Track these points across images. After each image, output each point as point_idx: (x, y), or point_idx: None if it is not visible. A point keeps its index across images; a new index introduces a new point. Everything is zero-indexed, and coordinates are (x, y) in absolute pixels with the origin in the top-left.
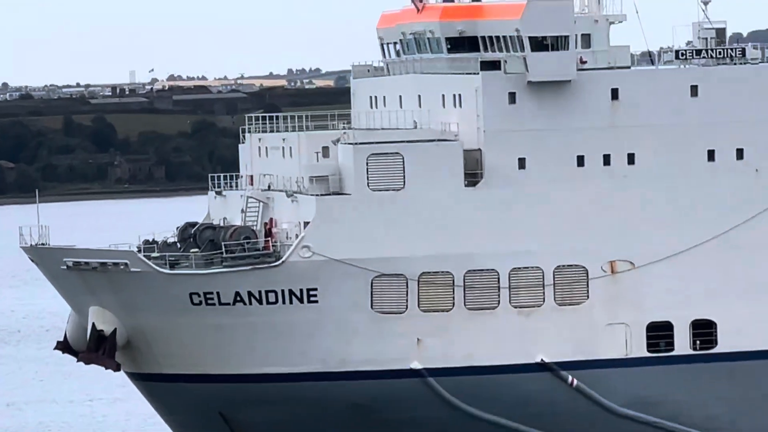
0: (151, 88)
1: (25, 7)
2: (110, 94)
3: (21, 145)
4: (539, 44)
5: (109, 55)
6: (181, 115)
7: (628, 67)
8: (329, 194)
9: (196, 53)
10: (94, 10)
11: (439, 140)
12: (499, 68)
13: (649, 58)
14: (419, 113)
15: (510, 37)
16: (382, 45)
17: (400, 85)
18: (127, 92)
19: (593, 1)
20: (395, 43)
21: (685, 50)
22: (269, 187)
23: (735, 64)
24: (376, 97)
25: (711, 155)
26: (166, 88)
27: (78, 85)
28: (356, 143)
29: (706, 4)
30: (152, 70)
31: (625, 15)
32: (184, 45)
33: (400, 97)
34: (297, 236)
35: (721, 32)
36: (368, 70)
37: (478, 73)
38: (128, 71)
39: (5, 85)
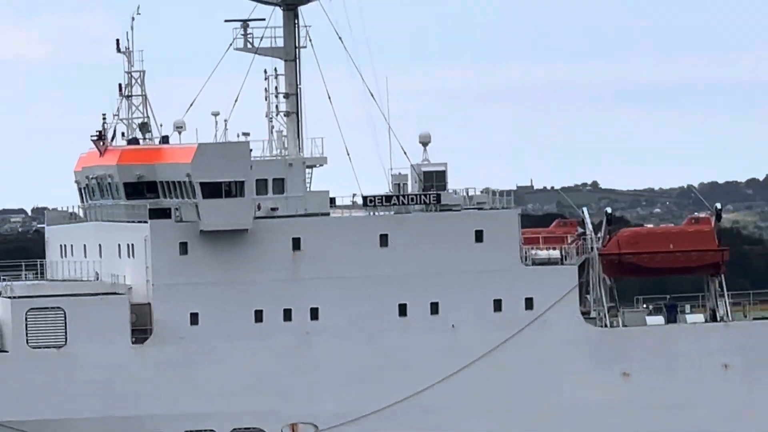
0: None
1: None
2: None
3: None
4: (213, 190)
5: None
6: None
7: (327, 214)
8: None
9: None
10: None
11: (104, 294)
12: (170, 216)
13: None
14: (99, 264)
15: (182, 182)
16: (79, 189)
17: (85, 233)
18: None
19: (291, 143)
20: (86, 188)
21: (374, 197)
22: None
23: (429, 211)
24: (65, 245)
25: (403, 310)
26: None
27: None
28: (14, 297)
29: (425, 145)
30: None
31: (325, 158)
32: None
33: (85, 246)
34: None
35: (441, 175)
36: (64, 217)
37: (147, 222)
38: None
39: None
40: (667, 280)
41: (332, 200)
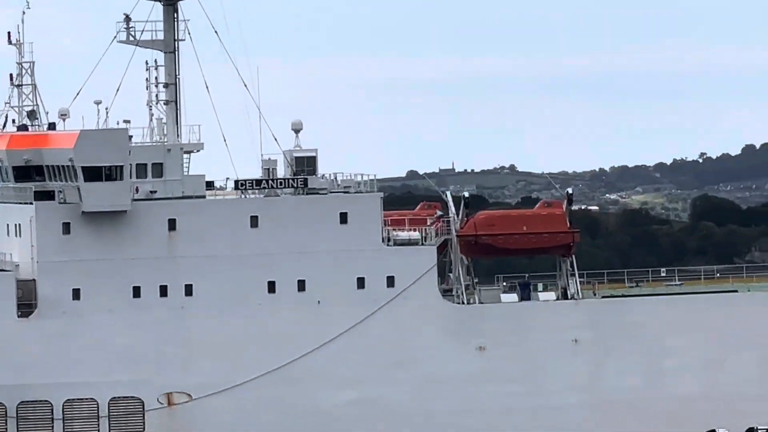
0: None
1: None
2: None
3: None
4: (93, 174)
5: None
6: None
7: (203, 197)
8: None
9: None
10: None
11: None
12: (54, 198)
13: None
14: None
15: (66, 166)
16: None
17: None
18: None
19: (170, 130)
20: None
21: (245, 180)
22: None
23: (298, 194)
24: None
25: (272, 287)
26: None
27: None
28: None
29: (297, 132)
30: None
31: (202, 144)
32: None
33: None
34: None
35: (311, 160)
36: None
37: (33, 203)
38: None
39: None
40: (532, 260)
41: (210, 184)
